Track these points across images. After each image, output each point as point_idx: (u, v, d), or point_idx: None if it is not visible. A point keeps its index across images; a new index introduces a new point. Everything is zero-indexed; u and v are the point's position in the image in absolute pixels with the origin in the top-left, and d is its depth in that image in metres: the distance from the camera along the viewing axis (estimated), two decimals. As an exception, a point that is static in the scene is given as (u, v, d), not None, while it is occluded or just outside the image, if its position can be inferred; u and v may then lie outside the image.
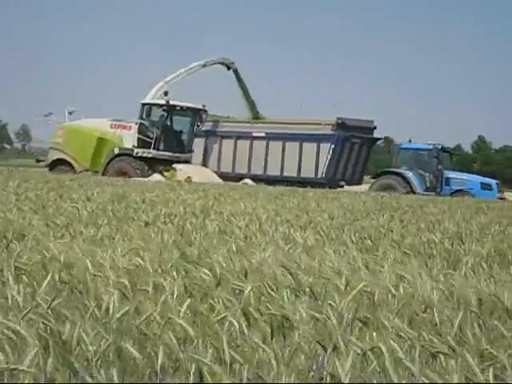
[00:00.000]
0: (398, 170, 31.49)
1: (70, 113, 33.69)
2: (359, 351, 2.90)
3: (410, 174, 31.14)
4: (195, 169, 31.75)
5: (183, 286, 3.78)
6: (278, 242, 6.28)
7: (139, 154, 31.39)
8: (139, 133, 31.60)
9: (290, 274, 4.36)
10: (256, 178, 31.11)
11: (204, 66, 34.45)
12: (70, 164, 32.91)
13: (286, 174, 32.11)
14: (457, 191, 30.51)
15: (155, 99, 32.19)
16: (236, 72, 35.24)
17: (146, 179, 26.83)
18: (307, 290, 3.87)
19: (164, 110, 32.04)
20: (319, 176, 31.45)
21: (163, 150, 31.85)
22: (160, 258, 4.66)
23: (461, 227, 8.84)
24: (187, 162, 32.48)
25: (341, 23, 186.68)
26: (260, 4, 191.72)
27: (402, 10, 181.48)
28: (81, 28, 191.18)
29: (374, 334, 2.99)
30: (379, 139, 35.55)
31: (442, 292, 3.96)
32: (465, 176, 32.92)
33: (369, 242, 6.27)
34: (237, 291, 3.67)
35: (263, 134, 32.87)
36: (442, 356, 3.03)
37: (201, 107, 32.68)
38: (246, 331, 2.96)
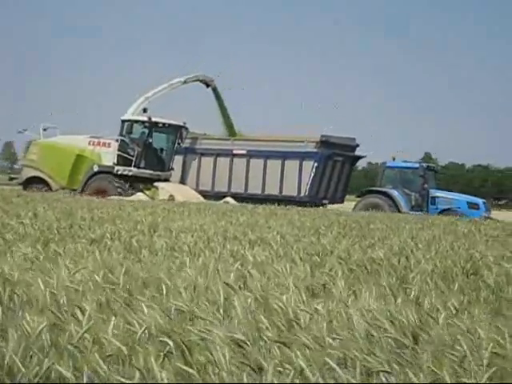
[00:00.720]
0: (384, 189, 31.05)
1: (45, 129, 32.82)
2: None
3: (395, 193, 30.73)
4: (177, 187, 31.01)
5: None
6: (227, 258, 6.27)
7: (120, 172, 30.51)
8: (119, 150, 30.81)
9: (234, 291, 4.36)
10: (236, 197, 30.16)
11: (185, 82, 33.83)
12: (45, 182, 31.76)
13: (267, 192, 31.44)
14: (444, 210, 30.01)
15: (135, 115, 31.50)
16: (215, 90, 34.77)
17: (129, 198, 25.88)
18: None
19: (145, 127, 31.34)
20: (302, 194, 30.93)
21: (144, 168, 31.08)
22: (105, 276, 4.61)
23: (407, 243, 8.92)
24: (167, 180, 31.76)
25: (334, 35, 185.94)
26: (257, 6, 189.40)
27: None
28: (57, 42, 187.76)
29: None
30: (361, 157, 34.96)
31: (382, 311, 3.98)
32: (451, 195, 32.40)
33: (317, 258, 6.29)
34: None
35: (244, 152, 32.26)
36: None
37: (182, 124, 32.15)
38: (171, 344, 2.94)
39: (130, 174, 30.60)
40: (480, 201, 32.03)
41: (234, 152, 32.43)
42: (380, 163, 33.47)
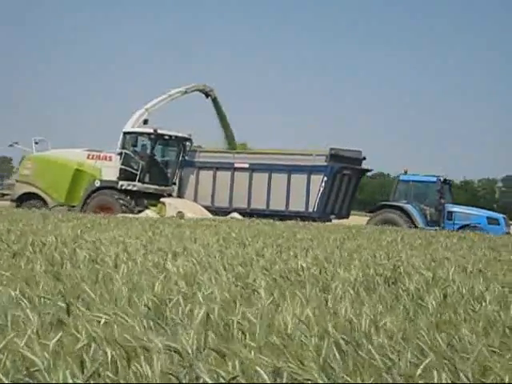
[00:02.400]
0: (398, 204, 29.74)
1: (37, 142, 31.03)
2: (222, 380, 2.91)
3: (411, 208, 29.47)
4: (184, 203, 29.49)
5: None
6: (150, 270, 6.24)
7: (124, 187, 28.76)
8: (123, 164, 28.99)
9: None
10: (239, 212, 28.84)
11: (185, 92, 32.23)
12: (41, 198, 29.97)
13: (272, 207, 29.98)
14: (463, 226, 28.54)
15: (137, 127, 29.76)
16: (215, 100, 33.20)
17: (137, 216, 24.42)
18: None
19: (150, 140, 29.76)
20: (310, 210, 29.49)
21: (148, 183, 29.44)
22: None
23: (331, 253, 9.00)
24: (170, 195, 30.36)
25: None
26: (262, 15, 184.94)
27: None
28: (40, 55, 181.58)
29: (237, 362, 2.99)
30: (369, 171, 33.60)
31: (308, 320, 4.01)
32: (469, 210, 30.99)
33: (240, 268, 6.29)
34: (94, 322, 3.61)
35: (246, 165, 30.71)
36: None
37: (187, 136, 30.71)
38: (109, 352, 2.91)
39: (135, 189, 28.91)
40: (500, 216, 30.62)
41: (236, 165, 30.95)
42: (393, 176, 32.54)
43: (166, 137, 29.99)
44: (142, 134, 29.64)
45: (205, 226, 16.86)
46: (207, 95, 33.04)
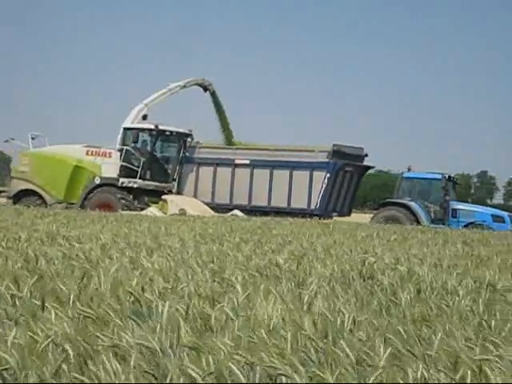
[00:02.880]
0: (403, 201, 29.30)
1: (33, 138, 30.26)
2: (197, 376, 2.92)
3: (415, 206, 29.06)
4: (186, 200, 28.85)
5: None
6: (126, 265, 6.23)
7: (124, 184, 28.15)
8: (124, 160, 28.42)
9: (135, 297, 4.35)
10: (240, 209, 28.30)
11: (184, 86, 31.51)
12: (38, 195, 29.25)
13: (274, 204, 29.52)
14: (469, 224, 28.23)
15: (135, 123, 29.18)
16: (214, 94, 32.45)
17: (141, 213, 23.76)
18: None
19: (151, 136, 29.16)
20: (312, 207, 29.13)
21: (149, 180, 28.91)
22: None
23: (306, 248, 9.03)
24: (170, 191, 29.80)
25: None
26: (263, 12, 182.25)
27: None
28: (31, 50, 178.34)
29: (210, 358, 3.00)
30: (371, 167, 32.91)
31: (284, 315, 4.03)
32: (474, 207, 30.98)
33: (216, 264, 6.31)
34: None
35: (247, 161, 30.20)
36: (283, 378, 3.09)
37: (188, 132, 30.07)
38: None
39: (135, 186, 28.33)
40: (505, 214, 30.29)
41: (236, 162, 30.41)
42: (395, 173, 31.96)
43: (168, 133, 29.43)
44: (142, 129, 28.98)
45: (181, 222, 16.86)
46: (205, 89, 32.39)
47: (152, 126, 28.79)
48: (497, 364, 3.11)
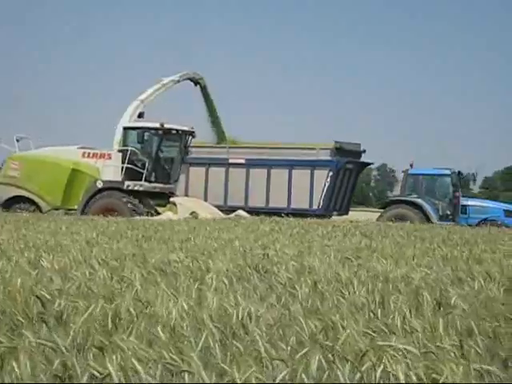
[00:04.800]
0: (410, 199, 28.10)
1: (18, 140, 27.92)
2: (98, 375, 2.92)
3: (424, 203, 27.86)
4: (196, 202, 27.16)
5: None
6: (24, 266, 6.15)
7: (130, 187, 26.08)
8: (129, 162, 26.28)
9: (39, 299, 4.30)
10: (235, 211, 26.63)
11: (178, 81, 29.49)
12: (32, 202, 26.89)
13: (272, 205, 28.26)
14: (483, 220, 26.98)
15: (136, 122, 27.00)
16: (204, 89, 30.75)
17: (156, 218, 22.29)
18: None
19: (156, 135, 27.19)
20: (315, 207, 28.07)
21: (155, 182, 26.96)
22: None
23: (208, 244, 9.07)
24: (173, 193, 27.81)
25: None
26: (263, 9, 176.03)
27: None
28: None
29: (114, 357, 3.01)
30: (369, 164, 31.98)
31: (184, 311, 4.06)
32: (485, 203, 29.87)
33: (115, 263, 6.29)
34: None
35: (242, 161, 29.00)
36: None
37: (191, 130, 27.95)
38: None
39: (141, 189, 26.35)
40: None
41: (231, 161, 29.24)
42: (403, 170, 29.65)
43: (173, 131, 27.55)
44: (146, 128, 26.98)
45: (81, 221, 16.67)
46: (196, 83, 30.79)
47: (157, 125, 26.88)
48: (393, 353, 3.22)
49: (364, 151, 30.48)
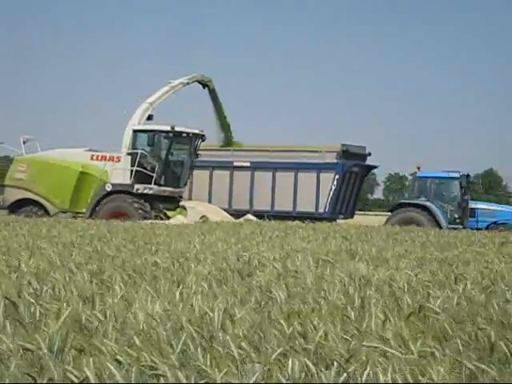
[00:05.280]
0: (419, 202, 27.58)
1: (25, 142, 27.41)
2: (75, 380, 2.91)
3: (433, 206, 27.40)
4: (206, 206, 26.77)
5: None
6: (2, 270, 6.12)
7: (140, 191, 25.71)
8: (138, 165, 25.86)
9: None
10: (240, 214, 26.32)
11: (187, 83, 29.11)
12: (39, 204, 26.47)
13: (278, 208, 28.07)
14: (491, 224, 26.64)
15: (142, 124, 26.68)
16: (213, 91, 30.34)
17: (169, 222, 22.22)
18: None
19: (167, 138, 26.78)
20: (321, 210, 27.81)
21: (164, 185, 26.52)
22: None
23: (187, 248, 9.06)
24: (181, 197, 27.53)
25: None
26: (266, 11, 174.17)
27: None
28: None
29: (91, 360, 3.00)
30: (375, 167, 31.34)
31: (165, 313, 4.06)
32: (494, 206, 29.27)
33: (94, 266, 6.27)
34: None
35: (247, 164, 28.74)
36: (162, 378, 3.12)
37: (202, 132, 27.60)
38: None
39: (151, 192, 25.93)
40: None
41: (235, 164, 28.96)
42: (411, 173, 29.31)
43: (184, 134, 27.15)
44: (157, 131, 26.54)
45: (62, 224, 16.61)
46: (204, 86, 30.34)
47: (168, 128, 26.52)
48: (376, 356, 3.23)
49: (369, 154, 30.19)
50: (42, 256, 7.34)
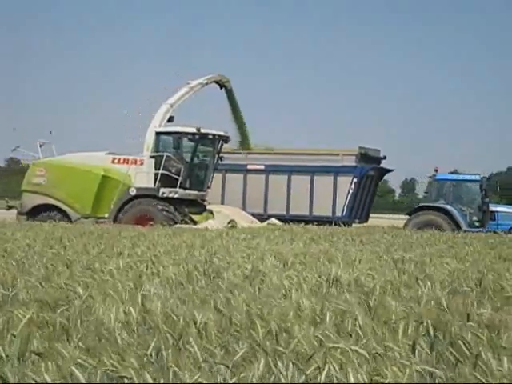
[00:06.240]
0: (439, 205, 27.16)
1: (41, 146, 26.69)
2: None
3: (453, 210, 26.97)
4: (233, 211, 26.15)
5: None
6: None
7: (165, 195, 25.15)
8: (164, 168, 25.23)
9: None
10: (257, 218, 25.86)
11: (206, 84, 28.47)
12: (59, 210, 25.71)
13: (293, 212, 27.69)
14: None
15: (164, 126, 26.09)
16: (230, 92, 29.64)
17: (198, 226, 21.82)
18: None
19: (192, 140, 26.31)
20: (338, 214, 27.38)
21: (189, 189, 25.96)
22: None
23: (153, 250, 9.01)
24: (204, 200, 26.96)
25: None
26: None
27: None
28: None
29: (51, 364, 2.95)
30: (390, 171, 30.68)
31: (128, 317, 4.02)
32: None
33: (60, 268, 6.21)
34: None
35: (262, 167, 28.37)
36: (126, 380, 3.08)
37: (226, 134, 27.14)
38: None
39: (176, 196, 25.39)
40: None
41: (249, 167, 28.60)
42: (429, 175, 28.71)
43: (210, 136, 26.59)
44: (183, 133, 26.06)
45: (28, 227, 16.51)
46: (222, 86, 29.55)
47: (194, 130, 25.93)
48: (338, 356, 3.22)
49: (384, 157, 29.98)
50: (5, 258, 7.25)
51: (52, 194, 26.00)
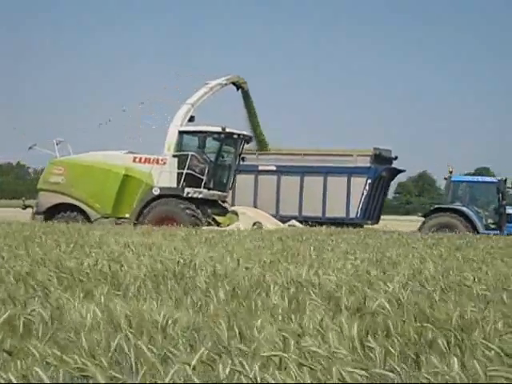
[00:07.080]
0: (456, 207, 26.86)
1: (58, 144, 26.09)
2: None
3: (470, 212, 26.70)
4: (257, 213, 25.69)
5: None
6: None
7: (190, 195, 24.61)
8: (189, 168, 24.73)
9: None
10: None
11: (225, 84, 27.93)
12: (78, 209, 25.10)
13: (306, 213, 27.20)
14: None
15: (186, 125, 25.54)
16: (246, 93, 29.03)
17: (227, 228, 21.34)
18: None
19: (215, 139, 25.91)
20: (353, 215, 27.10)
21: (213, 189, 25.46)
22: None
23: (124, 250, 8.99)
24: (225, 201, 26.64)
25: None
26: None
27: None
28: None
29: (20, 363, 2.95)
30: (402, 171, 30.42)
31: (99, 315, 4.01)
32: None
33: (28, 269, 6.17)
34: None
35: (273, 168, 28.03)
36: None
37: (250, 135, 26.91)
38: None
39: (200, 196, 24.92)
40: None
41: (260, 168, 28.19)
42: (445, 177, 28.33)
43: (235, 136, 26.17)
44: (208, 132, 25.66)
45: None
46: (238, 87, 28.93)
47: (219, 129, 25.49)
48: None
49: (396, 158, 29.64)
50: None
51: (71, 193, 25.40)
